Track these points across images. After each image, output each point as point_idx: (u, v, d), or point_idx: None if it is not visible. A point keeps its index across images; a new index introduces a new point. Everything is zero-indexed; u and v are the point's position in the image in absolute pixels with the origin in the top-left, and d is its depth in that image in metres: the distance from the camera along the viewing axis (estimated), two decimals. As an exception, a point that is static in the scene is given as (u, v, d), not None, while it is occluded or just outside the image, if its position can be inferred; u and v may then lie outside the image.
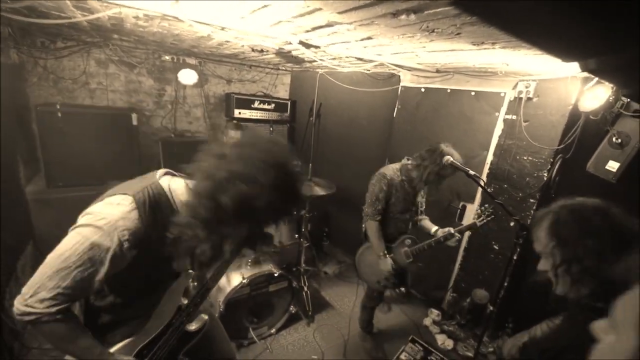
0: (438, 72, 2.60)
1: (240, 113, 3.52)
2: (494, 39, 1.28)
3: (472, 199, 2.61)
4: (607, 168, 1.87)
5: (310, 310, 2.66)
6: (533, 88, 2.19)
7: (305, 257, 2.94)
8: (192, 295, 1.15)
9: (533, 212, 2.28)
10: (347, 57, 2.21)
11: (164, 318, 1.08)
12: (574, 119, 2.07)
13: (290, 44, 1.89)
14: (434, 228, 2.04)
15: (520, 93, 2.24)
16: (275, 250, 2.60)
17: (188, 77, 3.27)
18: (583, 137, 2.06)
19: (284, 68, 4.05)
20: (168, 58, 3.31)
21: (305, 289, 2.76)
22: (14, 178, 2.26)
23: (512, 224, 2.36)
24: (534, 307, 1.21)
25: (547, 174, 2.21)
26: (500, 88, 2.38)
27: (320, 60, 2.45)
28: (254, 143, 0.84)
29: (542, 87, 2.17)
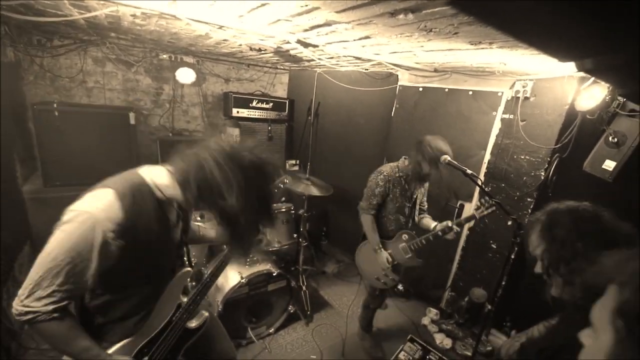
0: (436, 71, 2.61)
1: (239, 112, 3.52)
2: (491, 39, 1.29)
3: (469, 198, 2.63)
4: (603, 167, 1.89)
5: (309, 310, 2.66)
6: (530, 87, 2.20)
7: (304, 256, 2.94)
8: (191, 293, 1.15)
9: (530, 211, 2.29)
10: (345, 56, 2.21)
11: (164, 316, 1.08)
12: (571, 119, 2.09)
13: (289, 43, 1.88)
14: (433, 224, 2.05)
15: (518, 92, 2.25)
16: (274, 250, 2.59)
17: (186, 75, 3.25)
18: (580, 136, 2.07)
19: (282, 67, 4.04)
20: (166, 56, 3.29)
21: (304, 289, 2.76)
22: (11, 177, 2.25)
23: (509, 223, 2.37)
24: (532, 306, 1.22)
25: (544, 173, 2.22)
26: (498, 87, 2.39)
27: (319, 59, 2.45)
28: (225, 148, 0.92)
29: (539, 86, 2.18)
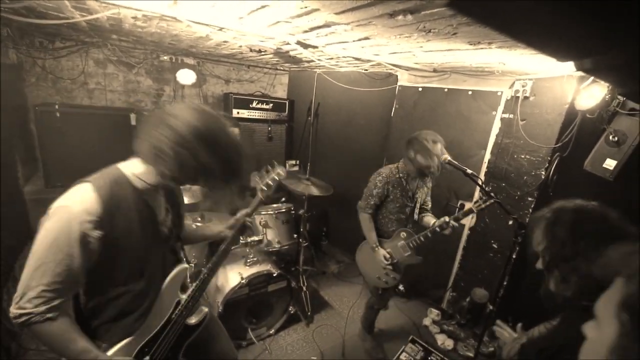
0: (435, 71, 2.61)
1: (239, 113, 3.53)
2: (490, 39, 1.29)
3: (470, 198, 2.62)
4: (604, 166, 1.88)
5: (310, 311, 2.66)
6: (529, 87, 2.20)
7: (304, 256, 2.94)
8: (190, 289, 1.15)
9: (531, 210, 2.29)
10: (344, 57, 2.22)
11: (163, 315, 1.08)
12: (571, 118, 2.08)
13: (288, 44, 1.89)
14: (433, 221, 2.05)
15: (517, 92, 2.25)
16: (274, 250, 2.59)
17: (186, 77, 3.26)
18: (580, 135, 2.07)
19: (282, 68, 4.05)
20: (166, 58, 3.31)
21: (304, 289, 2.75)
22: (13, 178, 2.26)
23: (510, 223, 2.37)
24: (534, 306, 1.22)
25: (544, 173, 2.22)
26: (497, 87, 2.39)
27: (318, 60, 2.45)
28: (178, 114, 0.93)
29: (538, 86, 2.18)
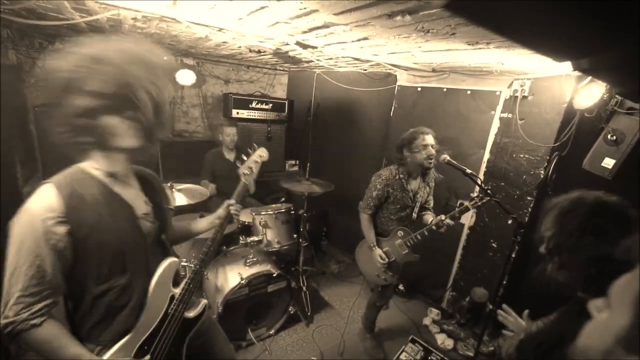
0: (434, 71, 2.62)
1: (238, 113, 3.54)
2: (489, 39, 1.30)
3: (469, 197, 2.62)
4: (603, 165, 1.89)
5: (309, 311, 2.66)
6: (528, 86, 2.20)
7: (304, 256, 2.94)
8: (183, 282, 1.14)
9: (530, 209, 2.30)
10: (343, 57, 2.22)
11: (158, 311, 1.07)
12: (569, 117, 2.09)
13: (288, 45, 1.90)
14: (431, 219, 2.06)
15: (516, 92, 2.26)
16: (274, 250, 2.59)
17: (186, 77, 3.27)
18: (578, 134, 2.08)
19: (282, 68, 4.06)
20: (166, 59, 3.31)
21: (304, 289, 2.76)
22: (12, 178, 2.26)
23: (509, 222, 2.38)
24: (534, 305, 1.23)
25: (543, 172, 2.22)
26: (496, 87, 2.40)
27: (317, 61, 2.46)
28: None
29: (536, 85, 2.19)
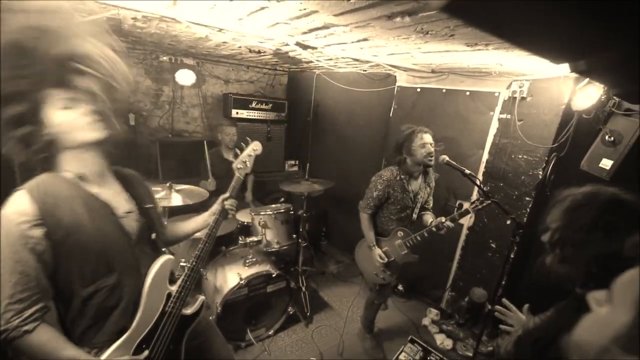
0: (433, 72, 2.63)
1: (238, 113, 3.54)
2: (487, 40, 1.31)
3: (468, 198, 2.64)
4: (600, 166, 1.90)
5: (309, 311, 2.66)
6: (526, 88, 2.21)
7: (303, 257, 2.94)
8: (180, 279, 1.14)
9: (529, 210, 2.31)
10: (343, 57, 2.23)
11: (155, 309, 1.06)
12: (567, 118, 2.10)
13: (287, 45, 1.90)
14: (430, 220, 2.07)
15: (514, 93, 2.27)
16: (273, 250, 2.60)
17: (186, 77, 3.27)
18: (576, 135, 2.09)
19: (281, 68, 4.06)
20: (166, 59, 3.31)
21: (304, 290, 2.76)
22: (11, 179, 2.25)
23: (508, 222, 2.39)
24: (533, 304, 1.23)
25: (542, 173, 2.23)
26: (495, 88, 2.41)
27: (317, 61, 2.47)
28: None
29: (535, 86, 2.20)
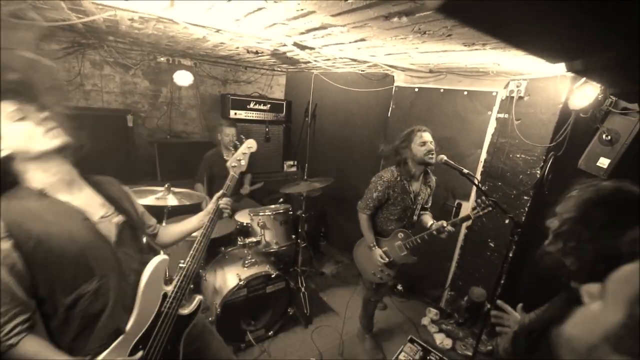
0: (431, 72, 2.64)
1: (236, 114, 3.54)
2: (484, 40, 1.31)
3: (467, 197, 2.64)
4: (598, 165, 1.91)
5: (308, 312, 2.66)
6: (524, 87, 2.22)
7: (303, 257, 2.94)
8: (175, 280, 1.14)
9: (527, 209, 2.31)
10: (341, 58, 2.23)
11: (151, 309, 1.06)
12: (565, 117, 2.11)
13: (285, 46, 1.90)
14: (430, 222, 2.07)
15: (512, 92, 2.28)
16: (272, 251, 2.59)
17: (183, 78, 3.27)
18: (574, 134, 2.10)
19: (279, 69, 4.06)
20: (163, 59, 3.31)
21: (303, 290, 2.76)
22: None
23: (507, 222, 2.39)
24: (532, 304, 1.24)
25: (539, 172, 2.24)
26: (492, 87, 2.41)
27: (315, 61, 2.47)
28: None
29: (532, 86, 2.21)
